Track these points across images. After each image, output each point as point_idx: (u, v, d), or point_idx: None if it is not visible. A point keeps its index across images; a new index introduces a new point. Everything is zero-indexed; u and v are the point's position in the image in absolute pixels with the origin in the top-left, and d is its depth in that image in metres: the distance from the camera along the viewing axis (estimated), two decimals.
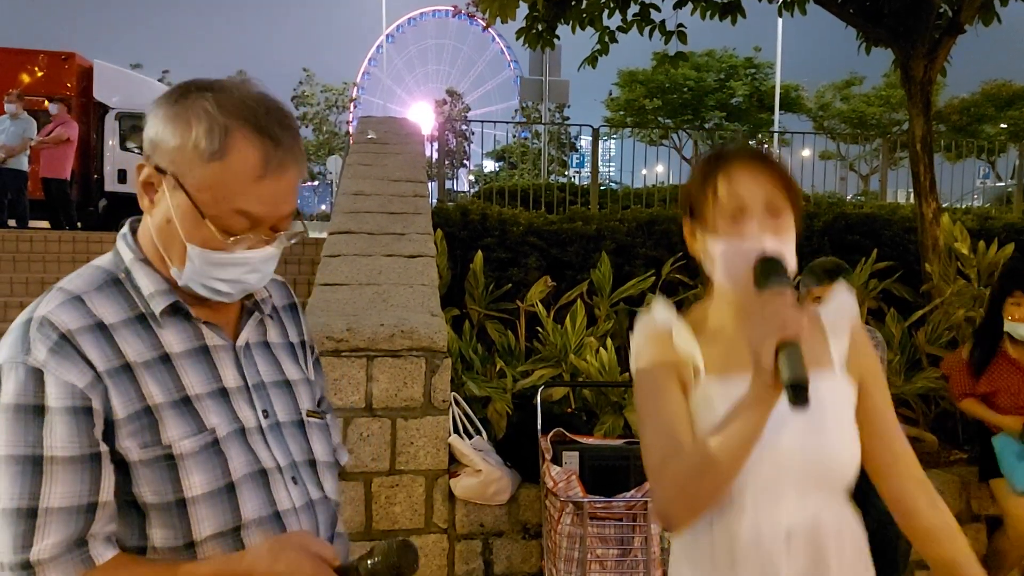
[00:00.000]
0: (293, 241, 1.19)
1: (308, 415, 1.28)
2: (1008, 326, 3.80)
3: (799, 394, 1.14)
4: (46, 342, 1.06)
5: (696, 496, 1.29)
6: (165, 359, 1.14)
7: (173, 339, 1.16)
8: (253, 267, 1.15)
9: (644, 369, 1.42)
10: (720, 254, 1.37)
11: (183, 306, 1.17)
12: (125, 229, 1.21)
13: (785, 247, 1.34)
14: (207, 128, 1.09)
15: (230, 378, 1.19)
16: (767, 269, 1.27)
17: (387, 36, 55.94)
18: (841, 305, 1.46)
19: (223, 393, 1.17)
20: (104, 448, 1.08)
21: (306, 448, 1.26)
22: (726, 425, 1.26)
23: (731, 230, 1.35)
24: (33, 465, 1.03)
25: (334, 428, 1.39)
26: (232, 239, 1.11)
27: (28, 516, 1.03)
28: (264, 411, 1.21)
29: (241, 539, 1.14)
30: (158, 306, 1.15)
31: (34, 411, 1.04)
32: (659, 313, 1.46)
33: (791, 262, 1.33)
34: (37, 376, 1.05)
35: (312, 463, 1.26)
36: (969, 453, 4.48)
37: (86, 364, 1.07)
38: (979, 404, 3.90)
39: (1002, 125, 30.79)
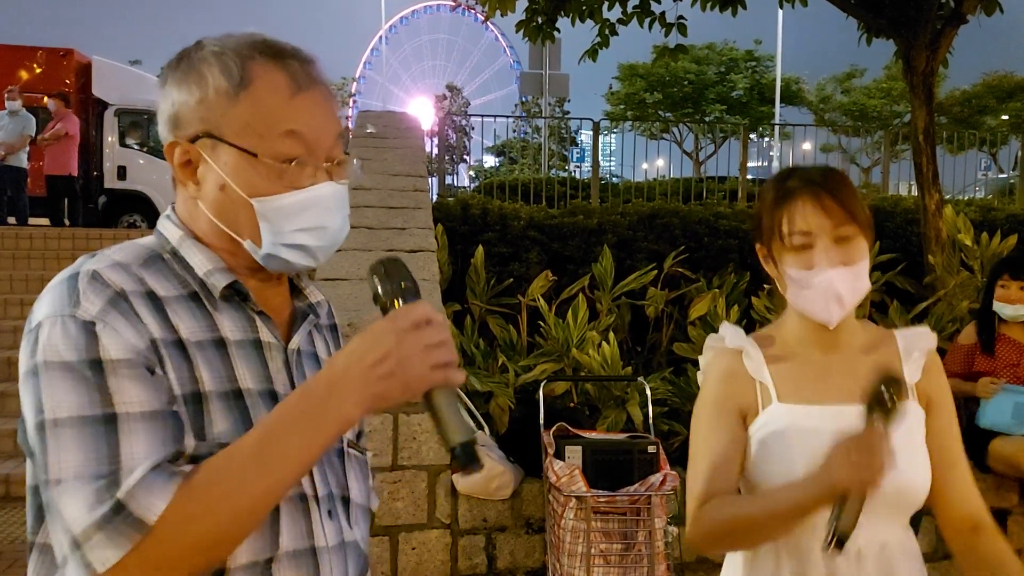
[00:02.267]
0: (355, 177, 1.10)
1: (349, 446, 1.15)
2: (996, 306, 3.99)
3: (840, 544, 1.18)
4: (100, 295, 0.94)
5: (723, 544, 1.39)
6: (219, 343, 1.02)
7: (228, 324, 1.04)
8: (327, 207, 1.05)
9: (704, 400, 1.47)
10: (791, 282, 1.40)
11: (242, 288, 1.05)
12: (168, 211, 1.11)
13: (857, 275, 1.37)
14: (222, 67, 1.02)
15: (280, 381, 1.06)
16: (885, 393, 1.21)
17: (388, 30, 55.86)
18: (920, 335, 1.49)
19: (272, 396, 1.04)
20: (181, 407, 0.95)
21: (343, 483, 1.12)
22: (766, 502, 1.31)
23: (799, 260, 1.38)
24: (106, 424, 0.89)
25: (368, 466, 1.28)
26: (291, 163, 1.02)
27: (110, 477, 0.88)
28: None
29: (271, 572, 1.00)
30: (218, 284, 1.04)
31: (92, 366, 0.90)
32: (729, 337, 1.48)
33: (862, 289, 1.38)
34: (88, 329, 0.91)
35: (346, 500, 1.12)
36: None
37: (144, 327, 0.95)
38: (956, 380, 3.98)
39: (1004, 117, 30.75)
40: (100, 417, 0.89)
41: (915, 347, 1.47)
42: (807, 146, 13.15)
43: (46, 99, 11.66)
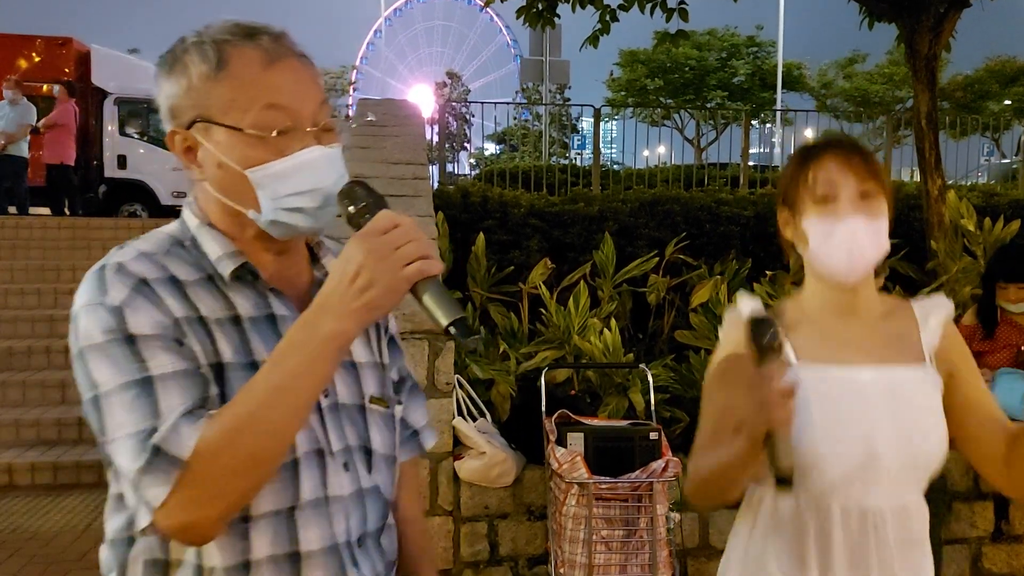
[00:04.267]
0: (345, 141, 1.18)
1: (371, 401, 1.23)
2: (999, 302, 3.95)
3: (786, 483, 1.26)
4: (125, 284, 1.06)
5: (705, 494, 1.42)
6: (236, 320, 1.12)
7: (242, 303, 1.13)
8: (318, 169, 1.13)
9: (715, 362, 1.52)
10: (813, 236, 1.43)
11: (252, 268, 1.15)
12: (190, 198, 1.21)
13: (878, 231, 1.41)
14: (201, 55, 1.11)
15: None
16: (759, 332, 1.27)
17: (392, 13, 55.70)
18: (937, 303, 1.53)
19: None
20: (207, 371, 1.06)
21: (364, 435, 1.21)
22: (721, 450, 1.36)
23: (823, 212, 1.42)
24: (144, 386, 1.01)
25: (418, 410, 1.37)
26: (275, 133, 1.10)
27: (151, 431, 1.00)
28: (324, 390, 1.15)
29: (295, 520, 1.11)
30: (226, 268, 1.13)
31: (126, 340, 1.03)
32: (745, 307, 1.51)
33: (883, 245, 1.42)
34: (118, 313, 1.04)
35: (367, 451, 1.22)
36: None
37: (167, 308, 1.06)
38: None
39: (1006, 102, 30.63)
40: (138, 381, 1.02)
41: (932, 314, 1.50)
42: (809, 132, 13.09)
43: (45, 87, 11.62)
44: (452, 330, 1.01)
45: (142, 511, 1.03)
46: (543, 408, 3.50)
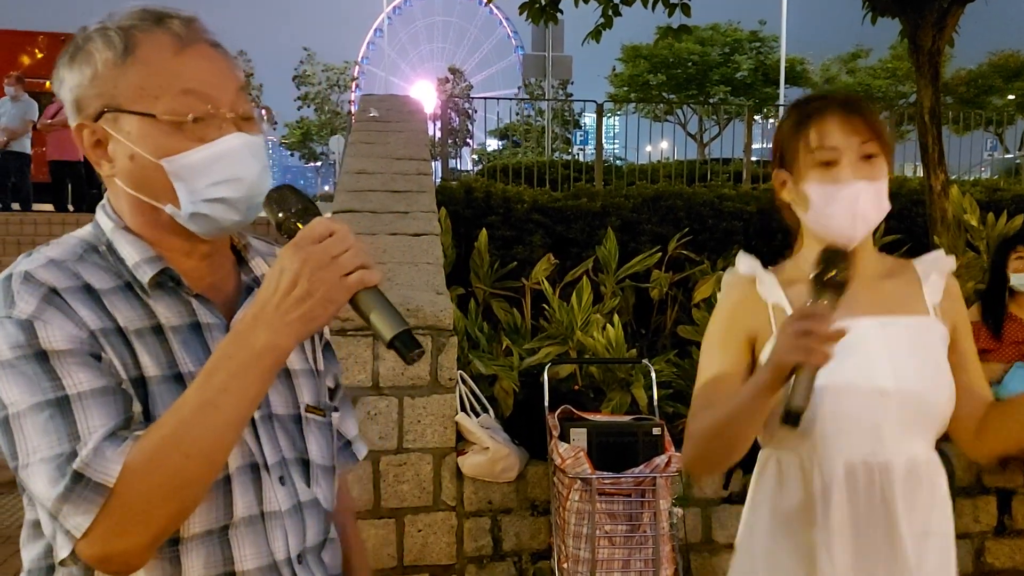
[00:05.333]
0: (269, 132, 1.12)
1: (307, 411, 1.16)
2: (1014, 279, 3.93)
3: (792, 420, 1.18)
4: (34, 295, 0.97)
5: (709, 452, 1.39)
6: (158, 330, 1.04)
7: (164, 312, 1.06)
8: (239, 156, 1.05)
9: (711, 329, 1.49)
10: (815, 199, 1.39)
11: (174, 274, 1.07)
12: (104, 200, 1.13)
13: (880, 192, 1.38)
14: (105, 41, 1.04)
15: None
16: (831, 263, 1.23)
17: (392, 10, 55.65)
18: (938, 259, 1.50)
19: None
20: (128, 387, 0.99)
21: (300, 446, 1.15)
22: (734, 398, 1.31)
23: (825, 176, 1.38)
24: (60, 406, 0.93)
25: (350, 419, 1.30)
26: (193, 119, 1.02)
27: (69, 454, 0.93)
28: None
29: (228, 539, 1.05)
30: (145, 275, 1.05)
31: (37, 356, 0.95)
32: (743, 265, 1.49)
33: (884, 206, 1.39)
34: (27, 327, 0.96)
35: (304, 463, 1.15)
36: None
37: (80, 319, 0.98)
38: None
39: (1010, 97, 30.54)
40: (53, 400, 0.94)
41: (933, 270, 1.49)
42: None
43: (48, 84, 11.63)
44: (397, 343, 0.96)
45: (61, 540, 0.95)
46: (546, 404, 3.50)
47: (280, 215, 1.00)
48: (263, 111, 1.13)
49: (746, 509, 1.54)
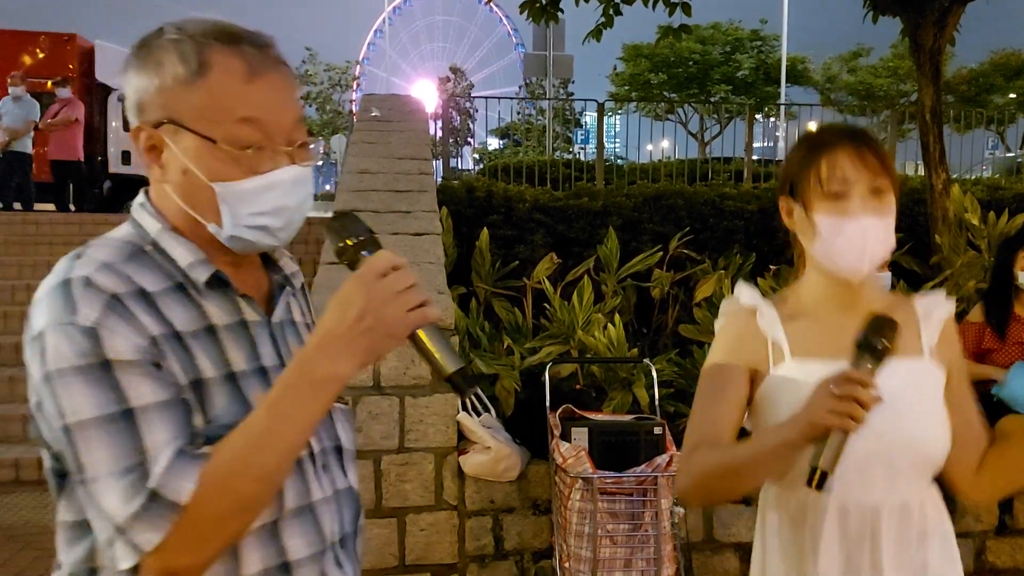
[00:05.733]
0: (318, 160, 1.14)
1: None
2: (1023, 278, 3.90)
3: (821, 482, 1.18)
4: (97, 302, 0.97)
5: (710, 491, 1.40)
6: (210, 330, 1.07)
7: (215, 311, 1.09)
8: (287, 190, 1.09)
9: (713, 360, 1.48)
10: (823, 231, 1.39)
11: (224, 276, 1.10)
12: (142, 199, 1.13)
13: (888, 228, 1.38)
14: (179, 55, 1.05)
15: (267, 356, 1.12)
16: (878, 330, 1.22)
17: (391, 11, 55.66)
18: (938, 301, 1.51)
19: (262, 372, 1.11)
20: (187, 394, 1.01)
21: (333, 434, 1.20)
22: (752, 445, 1.32)
23: (834, 208, 1.38)
24: (125, 420, 0.95)
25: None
26: (249, 150, 1.05)
27: (139, 469, 0.95)
28: None
29: (279, 531, 1.08)
30: (201, 276, 1.08)
31: (102, 367, 0.95)
32: (744, 296, 1.49)
33: (891, 242, 1.39)
34: (91, 334, 0.96)
35: (338, 450, 1.21)
36: None
37: (142, 326, 0.99)
38: (967, 361, 3.98)
39: (1011, 95, 30.50)
40: (119, 414, 0.95)
41: (933, 312, 1.49)
42: (813, 126, 13.07)
43: (50, 84, 11.63)
44: (456, 379, 1.00)
45: (125, 552, 0.96)
46: (547, 403, 3.51)
47: (346, 242, 1.03)
48: (320, 144, 1.16)
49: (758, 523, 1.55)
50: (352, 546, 1.21)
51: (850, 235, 1.36)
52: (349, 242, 1.03)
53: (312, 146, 1.13)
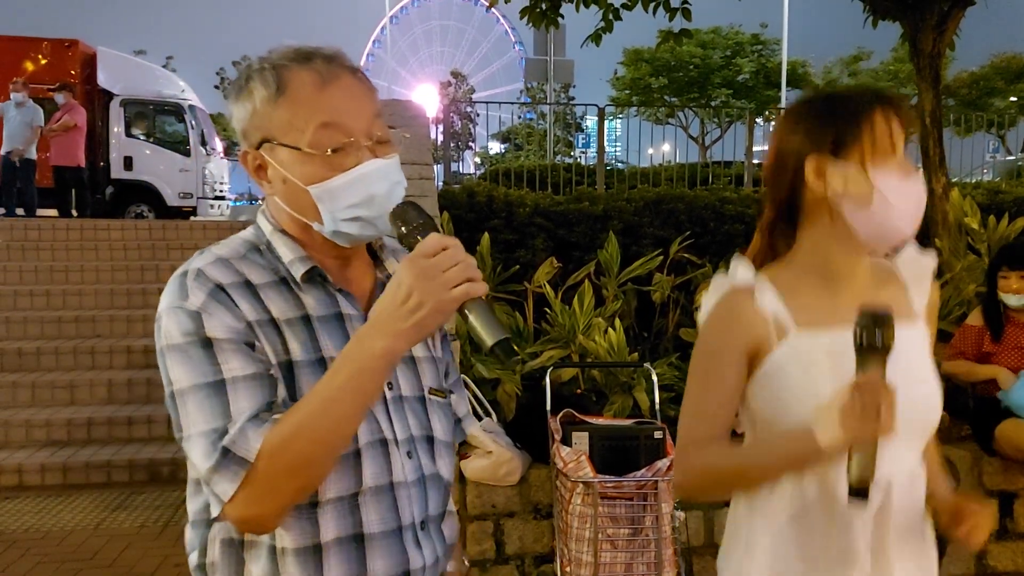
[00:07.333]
0: (400, 150, 1.25)
1: (430, 393, 1.32)
2: (1001, 296, 3.96)
3: (864, 494, 1.16)
4: (202, 289, 1.15)
5: (710, 491, 1.43)
6: (306, 320, 1.20)
7: (312, 303, 1.22)
8: (372, 180, 1.19)
9: (704, 341, 1.41)
10: (886, 191, 1.29)
11: (321, 271, 1.23)
12: (263, 206, 1.30)
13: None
14: (262, 81, 1.20)
15: None
16: (873, 327, 1.18)
17: (384, 26, 55.76)
18: (919, 260, 1.44)
19: None
20: (276, 372, 1.15)
21: (425, 424, 1.29)
22: (761, 454, 1.31)
23: (898, 167, 1.31)
24: (216, 388, 1.11)
25: (462, 400, 1.45)
26: (333, 151, 1.17)
27: (221, 430, 1.09)
28: (389, 384, 1.25)
29: (358, 505, 1.19)
30: (298, 271, 1.22)
31: (203, 343, 1.12)
32: (740, 273, 1.42)
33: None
34: (196, 317, 1.13)
35: (430, 439, 1.30)
36: None
37: (240, 312, 1.15)
38: (968, 362, 3.99)
39: (1012, 98, 30.53)
40: (212, 383, 1.11)
41: (915, 271, 1.44)
42: None
43: (48, 90, 11.65)
44: (497, 350, 1.05)
45: (212, 501, 1.14)
46: (548, 407, 3.51)
47: (402, 229, 1.13)
48: (401, 134, 1.23)
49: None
50: (436, 529, 1.30)
51: (909, 195, 1.30)
52: (407, 229, 1.12)
53: (394, 136, 1.25)
